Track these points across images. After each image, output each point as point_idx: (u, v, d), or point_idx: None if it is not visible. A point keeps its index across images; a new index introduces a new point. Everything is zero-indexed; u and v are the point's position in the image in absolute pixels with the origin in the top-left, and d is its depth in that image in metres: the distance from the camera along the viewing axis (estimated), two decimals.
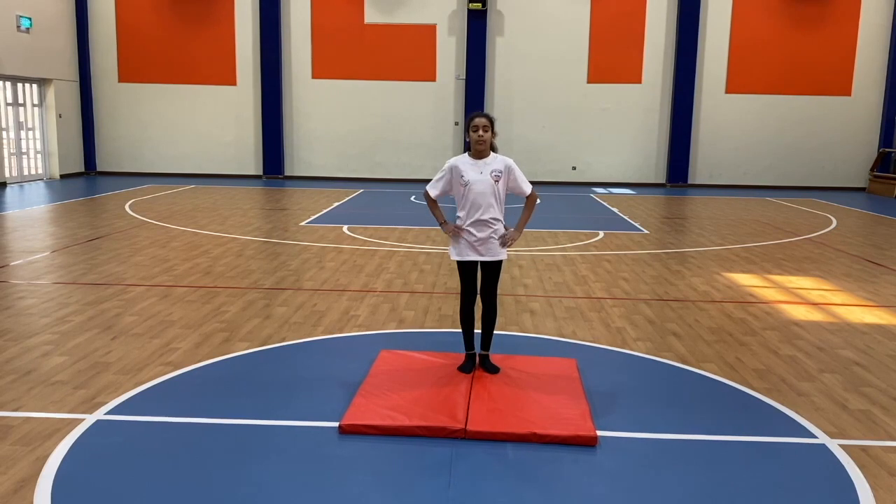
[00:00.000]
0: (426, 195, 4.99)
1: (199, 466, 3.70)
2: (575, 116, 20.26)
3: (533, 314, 6.69)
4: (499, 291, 5.13)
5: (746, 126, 20.27)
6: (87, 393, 4.62)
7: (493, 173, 4.80)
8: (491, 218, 4.80)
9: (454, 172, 4.84)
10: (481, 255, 4.84)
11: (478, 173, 4.80)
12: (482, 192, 4.78)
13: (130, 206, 13.72)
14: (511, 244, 4.90)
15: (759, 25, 19.81)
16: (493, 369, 4.95)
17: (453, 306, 6.88)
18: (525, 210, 5.01)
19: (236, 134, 20.53)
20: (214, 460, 3.76)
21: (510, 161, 4.89)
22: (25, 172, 18.63)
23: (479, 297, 4.99)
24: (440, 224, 4.93)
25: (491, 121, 4.82)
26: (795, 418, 4.44)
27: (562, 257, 9.50)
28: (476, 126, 4.77)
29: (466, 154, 4.90)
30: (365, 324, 6.30)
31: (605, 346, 5.81)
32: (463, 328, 5.01)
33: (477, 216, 4.79)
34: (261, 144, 20.38)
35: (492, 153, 4.88)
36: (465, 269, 4.91)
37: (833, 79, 20.02)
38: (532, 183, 5.10)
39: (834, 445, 4.08)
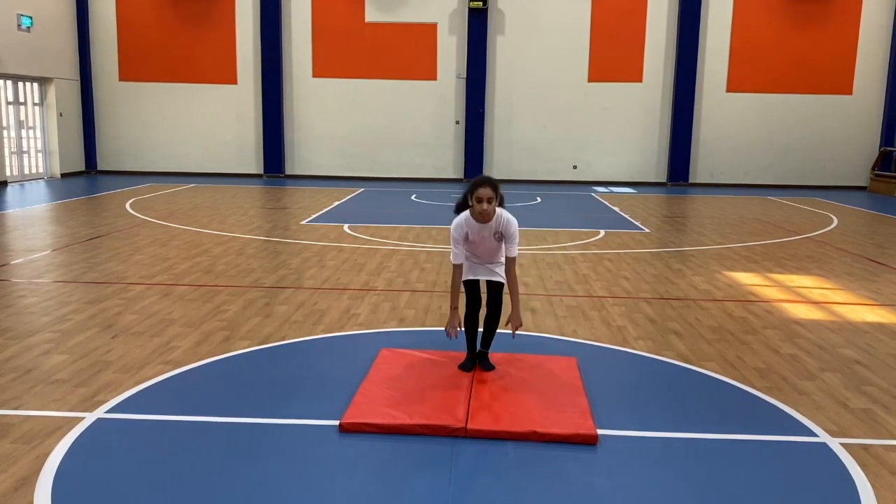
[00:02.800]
0: (454, 267, 4.82)
1: (199, 465, 3.69)
2: (576, 115, 20.25)
3: (534, 313, 6.68)
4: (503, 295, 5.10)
5: (747, 125, 20.26)
6: (88, 391, 4.62)
7: (496, 234, 4.75)
8: (491, 259, 4.83)
9: (461, 233, 4.76)
10: (485, 276, 4.88)
11: (479, 230, 4.73)
12: (485, 238, 4.76)
13: (131, 205, 13.72)
14: (520, 325, 4.83)
15: (760, 24, 19.79)
16: (489, 367, 4.96)
17: None
18: (510, 282, 4.80)
19: (237, 133, 20.53)
20: (215, 459, 3.76)
21: (513, 221, 4.72)
22: (26, 171, 18.63)
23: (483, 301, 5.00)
24: (451, 307, 4.80)
25: (495, 189, 4.61)
26: (796, 417, 4.44)
27: (563, 256, 9.49)
28: (480, 197, 4.57)
29: (469, 216, 4.73)
30: (365, 322, 6.29)
31: (606, 345, 5.80)
32: (466, 331, 5.00)
33: (478, 257, 4.84)
34: (261, 143, 20.38)
35: (496, 211, 4.70)
36: (470, 284, 4.92)
37: (834, 77, 20.00)
38: (533, 182, 5.09)
39: (835, 444, 4.07)
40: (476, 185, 4.65)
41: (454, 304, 4.82)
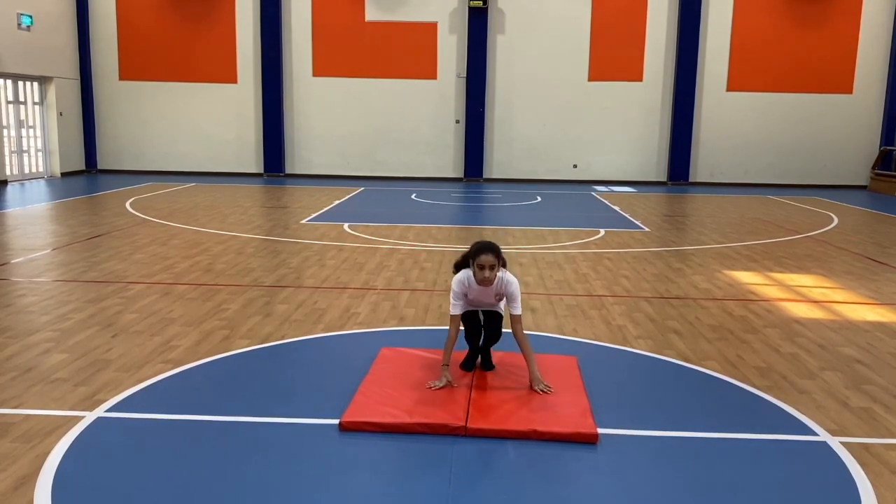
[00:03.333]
0: (451, 318, 4.73)
1: (199, 464, 3.69)
2: (576, 114, 20.25)
3: (534, 312, 6.68)
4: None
5: (747, 124, 20.25)
6: (88, 390, 4.62)
7: (497, 296, 4.74)
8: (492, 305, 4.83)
9: (462, 289, 4.71)
10: (484, 308, 4.83)
11: (480, 291, 4.71)
12: (485, 296, 4.74)
13: (131, 204, 13.72)
14: (542, 383, 4.57)
15: (761, 23, 19.79)
16: (489, 366, 4.94)
17: None
18: (521, 344, 4.67)
19: (237, 132, 20.52)
20: (215, 457, 3.76)
21: (514, 282, 4.67)
22: (26, 170, 18.63)
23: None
24: (443, 364, 4.65)
25: (497, 256, 4.57)
26: (797, 416, 4.43)
27: (563, 255, 9.49)
28: (482, 265, 4.53)
29: (471, 275, 4.67)
30: (365, 321, 6.29)
31: (606, 344, 5.80)
32: (466, 330, 4.93)
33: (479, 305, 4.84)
34: (261, 142, 20.38)
35: (497, 275, 4.66)
36: (469, 315, 4.81)
37: (834, 77, 19.99)
38: (533, 181, 5.05)
39: (835, 443, 4.07)
40: (478, 251, 4.59)
41: (446, 361, 4.67)
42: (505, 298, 4.75)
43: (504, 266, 4.72)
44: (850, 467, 3.78)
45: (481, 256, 4.56)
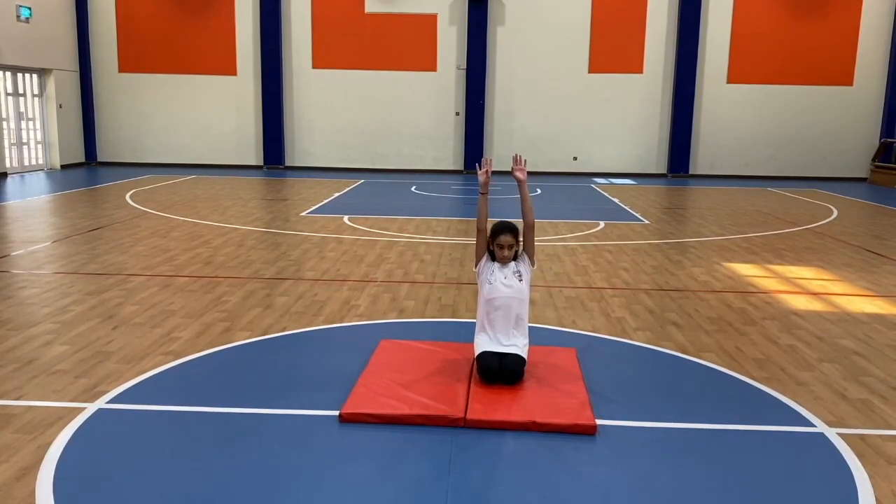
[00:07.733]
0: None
1: (199, 455, 3.71)
2: (576, 106, 20.22)
3: (533, 304, 6.68)
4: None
5: (748, 116, 20.23)
6: (89, 382, 4.64)
7: (516, 273, 4.74)
8: (513, 332, 4.62)
9: (489, 260, 4.79)
10: (500, 349, 4.57)
11: (502, 277, 4.70)
12: (505, 298, 4.63)
13: (131, 197, 13.72)
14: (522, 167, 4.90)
15: (761, 15, 19.74)
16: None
17: (453, 296, 6.89)
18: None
19: (237, 124, 20.50)
20: (215, 449, 3.78)
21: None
22: (26, 163, 18.62)
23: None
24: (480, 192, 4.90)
25: (516, 236, 4.75)
26: (794, 407, 4.45)
27: (562, 247, 9.50)
28: (501, 244, 4.72)
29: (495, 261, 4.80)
30: (365, 313, 6.31)
31: (605, 336, 5.82)
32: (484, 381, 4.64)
33: (499, 328, 4.61)
34: (261, 134, 20.36)
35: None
36: (484, 358, 4.54)
37: (835, 68, 19.95)
38: (533, 174, 5.07)
39: (832, 434, 4.09)
40: (497, 233, 4.77)
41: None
42: (523, 269, 4.76)
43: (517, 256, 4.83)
44: (847, 458, 3.80)
45: (500, 237, 4.76)
